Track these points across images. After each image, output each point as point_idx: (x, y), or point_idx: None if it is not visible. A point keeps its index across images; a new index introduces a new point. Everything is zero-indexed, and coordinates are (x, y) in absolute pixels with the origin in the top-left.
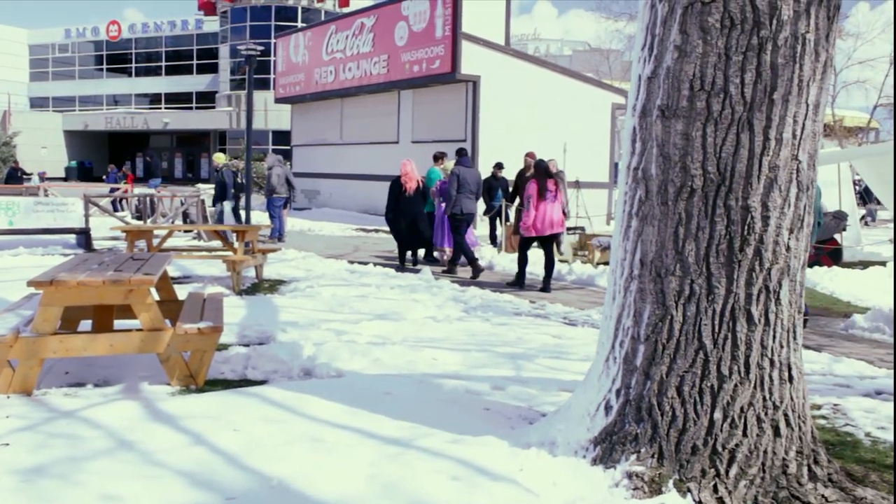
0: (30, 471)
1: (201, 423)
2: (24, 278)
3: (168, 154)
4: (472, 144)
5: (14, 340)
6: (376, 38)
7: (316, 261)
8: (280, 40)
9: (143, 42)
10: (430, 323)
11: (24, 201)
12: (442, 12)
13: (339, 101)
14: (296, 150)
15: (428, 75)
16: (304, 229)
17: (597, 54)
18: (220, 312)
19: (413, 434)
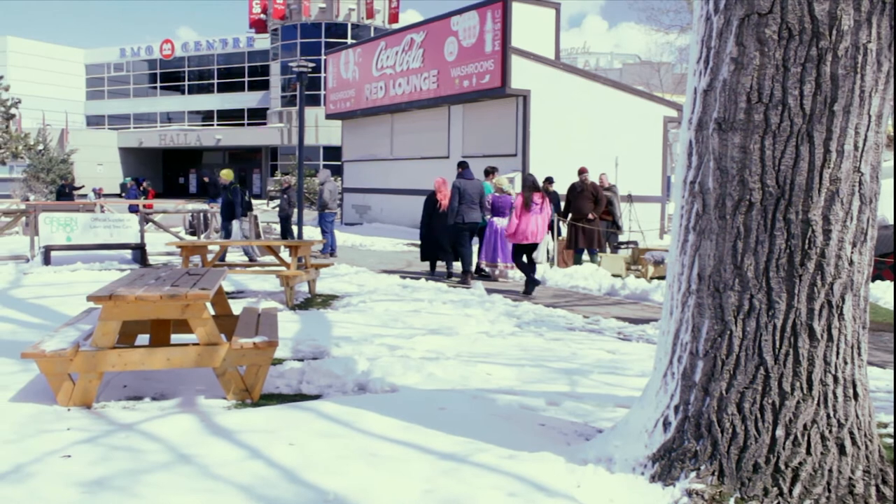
0: (91, 483)
1: (257, 437)
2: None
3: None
4: (523, 159)
5: (74, 354)
6: (426, 53)
7: (368, 276)
8: (330, 57)
9: (195, 60)
10: (484, 338)
11: (83, 217)
12: (491, 27)
13: (389, 117)
14: (347, 165)
15: (478, 90)
16: (355, 244)
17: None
18: (275, 327)
19: (468, 449)
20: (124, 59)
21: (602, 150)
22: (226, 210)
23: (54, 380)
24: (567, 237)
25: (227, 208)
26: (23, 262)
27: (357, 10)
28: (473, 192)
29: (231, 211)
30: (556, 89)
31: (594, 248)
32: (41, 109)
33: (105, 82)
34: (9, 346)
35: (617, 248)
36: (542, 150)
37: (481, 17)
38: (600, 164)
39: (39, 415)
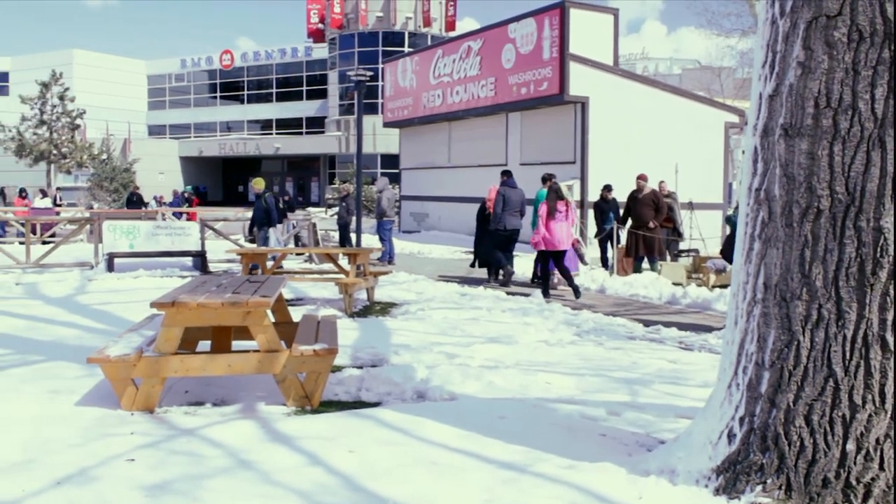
0: (154, 487)
1: (317, 443)
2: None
3: (279, 178)
4: (582, 166)
5: (138, 360)
6: (483, 61)
7: (426, 283)
8: (388, 65)
9: (254, 70)
10: (543, 346)
11: (145, 225)
12: (549, 34)
13: (446, 125)
14: (404, 173)
15: (536, 97)
16: (413, 252)
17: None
18: (335, 334)
19: (528, 459)
20: (185, 70)
21: (662, 157)
22: (262, 218)
23: (118, 384)
24: (626, 245)
25: (264, 216)
26: (87, 269)
27: (414, 19)
28: (516, 200)
29: (267, 218)
30: (614, 96)
31: (654, 256)
32: (105, 120)
33: (166, 92)
34: (75, 351)
35: (677, 257)
36: (601, 157)
37: (539, 24)
38: (660, 171)
39: (104, 419)
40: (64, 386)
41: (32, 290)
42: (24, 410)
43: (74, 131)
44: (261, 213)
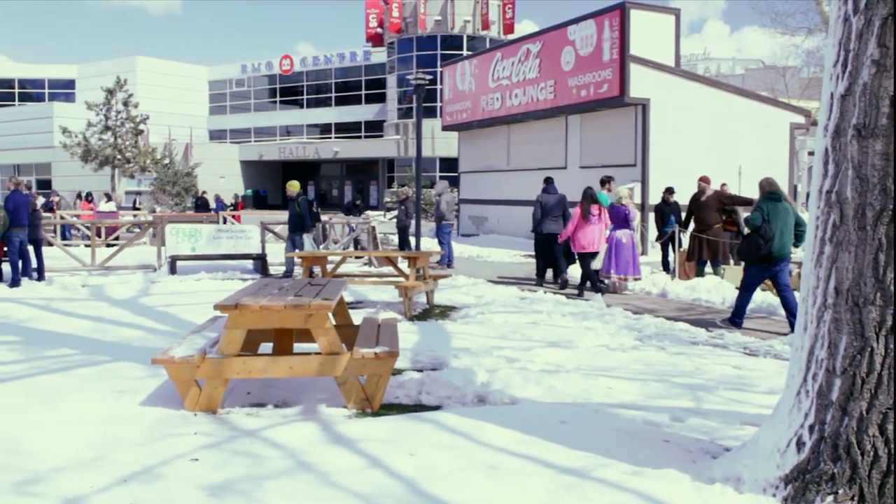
0: (216, 486)
1: (378, 446)
2: (207, 301)
3: (338, 182)
4: (642, 168)
5: (201, 361)
6: (542, 63)
7: (486, 287)
8: (446, 69)
9: (313, 74)
10: (604, 351)
11: (207, 228)
12: (609, 35)
13: (505, 128)
14: (463, 176)
15: (596, 100)
16: (472, 255)
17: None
18: (396, 337)
19: (590, 464)
20: (245, 75)
21: (724, 159)
22: (295, 222)
23: (182, 385)
24: (689, 248)
25: (297, 220)
26: (150, 272)
27: (472, 22)
28: (555, 206)
29: (301, 223)
30: (676, 97)
31: (717, 259)
32: (167, 125)
33: (227, 98)
34: (139, 351)
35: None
36: (662, 159)
37: (599, 25)
38: (723, 173)
39: (167, 419)
40: (129, 386)
41: (98, 291)
42: (91, 410)
43: (138, 136)
44: (295, 217)
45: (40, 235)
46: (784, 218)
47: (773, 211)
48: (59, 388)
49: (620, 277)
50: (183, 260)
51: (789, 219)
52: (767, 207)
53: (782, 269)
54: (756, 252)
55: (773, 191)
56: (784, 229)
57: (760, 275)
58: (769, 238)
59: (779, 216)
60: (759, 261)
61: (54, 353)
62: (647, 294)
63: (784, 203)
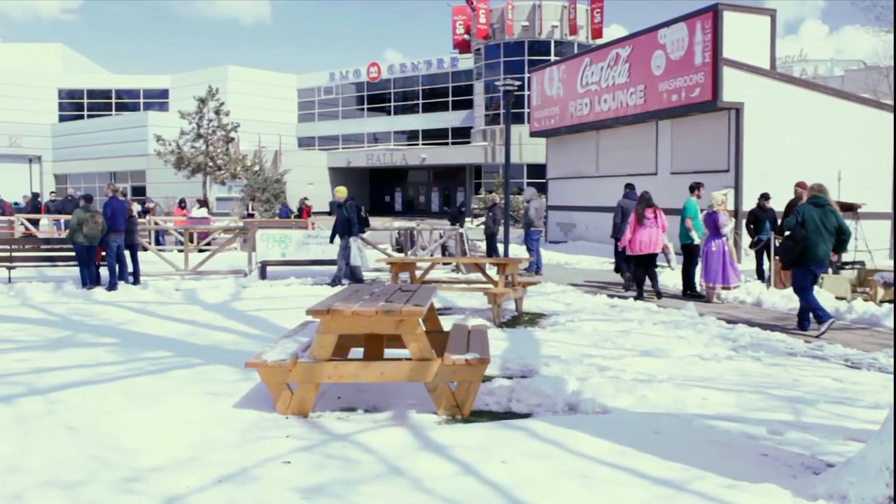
0: (310, 489)
1: (469, 453)
2: (297, 306)
3: (425, 188)
4: (736, 174)
5: (293, 365)
6: (632, 68)
7: (575, 294)
8: (534, 74)
9: (400, 81)
10: (697, 361)
11: (296, 234)
12: (701, 38)
13: (594, 134)
14: (551, 182)
15: (687, 104)
16: (560, 262)
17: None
18: (486, 344)
19: (685, 476)
20: (333, 83)
21: (823, 164)
22: (342, 227)
23: (274, 389)
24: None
25: (345, 225)
26: (241, 276)
27: (560, 27)
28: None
29: (348, 228)
30: (771, 101)
31: None
32: (257, 132)
33: (315, 105)
34: (231, 355)
35: (840, 269)
36: (757, 164)
37: (690, 28)
38: (821, 178)
39: (260, 422)
40: (222, 389)
41: (191, 295)
42: (187, 411)
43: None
44: (342, 222)
45: (136, 241)
46: (822, 223)
47: (808, 216)
48: (156, 389)
49: (710, 286)
50: (273, 265)
51: (828, 224)
52: (803, 212)
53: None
54: (788, 254)
55: (814, 196)
56: (820, 234)
57: (805, 276)
58: (799, 240)
59: (815, 221)
60: (794, 263)
61: (151, 354)
62: (741, 303)
63: (826, 209)
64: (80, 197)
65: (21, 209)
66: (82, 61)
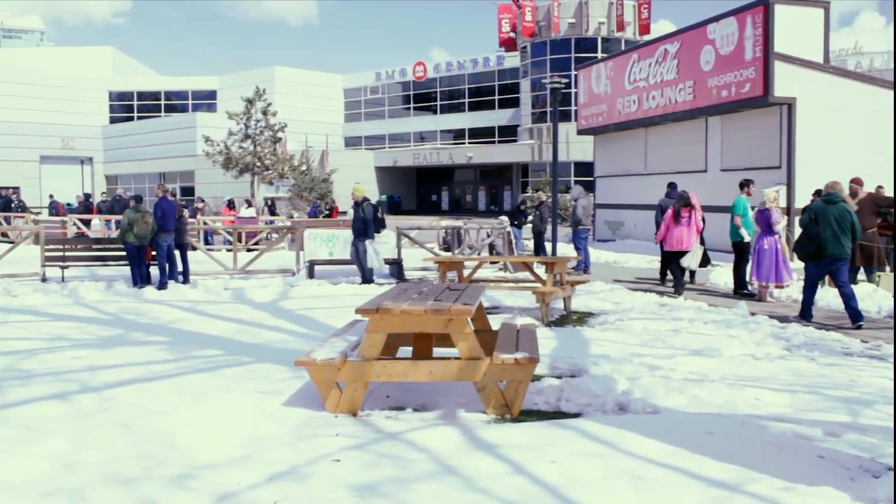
0: (362, 487)
1: (519, 452)
2: (344, 305)
3: (472, 187)
4: (788, 171)
5: (342, 364)
6: (681, 64)
7: (624, 293)
8: (581, 72)
9: (446, 80)
10: (750, 360)
11: (343, 234)
12: (752, 33)
13: (643, 131)
14: (599, 181)
15: (737, 100)
16: (608, 261)
17: None
18: (535, 343)
19: (739, 478)
20: (379, 83)
21: (879, 160)
22: (359, 227)
23: (323, 387)
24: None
25: (361, 226)
26: (289, 276)
27: (607, 24)
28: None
29: (365, 229)
30: (824, 95)
31: (872, 266)
32: (304, 132)
33: (362, 105)
34: (280, 353)
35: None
36: (809, 161)
37: (740, 22)
38: (877, 174)
39: (310, 420)
40: (272, 387)
41: (239, 294)
42: (238, 409)
43: (276, 144)
44: (359, 223)
45: (186, 240)
46: (835, 219)
47: (821, 212)
48: (207, 387)
49: (762, 285)
50: (320, 264)
51: (843, 221)
52: (816, 209)
53: (839, 267)
54: (803, 249)
55: (828, 193)
56: (834, 230)
57: (818, 271)
58: (813, 237)
59: (829, 218)
60: (809, 258)
61: (201, 353)
62: (795, 302)
63: (839, 206)
64: (130, 197)
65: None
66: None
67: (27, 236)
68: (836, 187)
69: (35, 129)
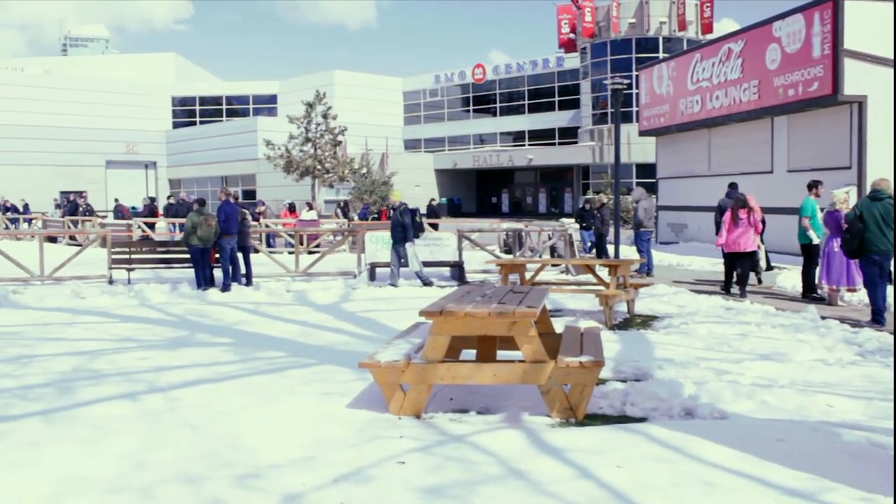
0: (428, 490)
1: (585, 456)
2: (406, 308)
3: (532, 189)
4: (858, 172)
5: (406, 366)
6: (745, 63)
7: (688, 297)
8: (642, 72)
9: (506, 82)
10: (820, 366)
11: None
12: (819, 29)
13: (706, 132)
14: (661, 182)
15: (804, 99)
16: (671, 264)
17: None
18: (600, 347)
19: (813, 487)
20: (438, 85)
21: None
22: (398, 232)
23: (387, 389)
24: None
25: (400, 230)
26: (350, 278)
27: (668, 23)
28: None
29: (403, 233)
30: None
31: None
32: (364, 136)
33: (421, 108)
34: (343, 355)
35: None
36: (883, 162)
37: (807, 19)
38: None
39: (374, 421)
40: (335, 388)
41: (301, 297)
42: (302, 410)
43: (336, 147)
44: (398, 227)
45: (249, 243)
46: (881, 216)
47: (866, 209)
48: (272, 388)
49: (832, 288)
50: (381, 267)
51: (888, 217)
52: (861, 205)
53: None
54: (847, 246)
55: (873, 190)
56: (879, 226)
57: (870, 268)
58: (856, 233)
59: (874, 214)
60: (854, 254)
61: (265, 354)
62: (867, 306)
63: (885, 202)
64: (193, 201)
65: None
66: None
67: (94, 239)
68: (882, 184)
69: (101, 135)
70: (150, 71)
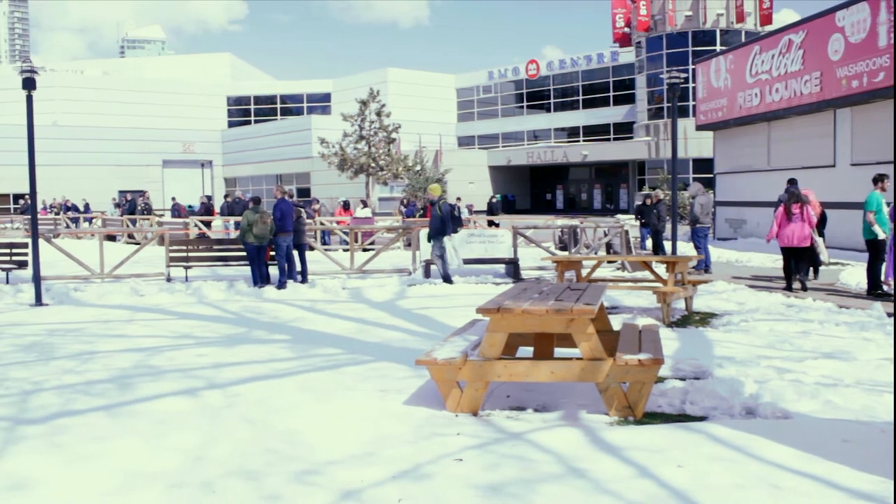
0: (487, 487)
1: (645, 455)
2: (461, 305)
3: (587, 185)
4: None
5: (463, 363)
6: (806, 54)
7: (747, 293)
8: (699, 66)
9: (559, 78)
10: (887, 365)
11: (459, 234)
12: (886, 18)
13: (765, 125)
14: (719, 177)
15: (869, 90)
16: (730, 260)
17: None
18: (658, 344)
19: (884, 490)
20: (492, 82)
21: None
22: (437, 227)
23: (444, 386)
24: None
25: (439, 225)
26: (405, 275)
27: (725, 15)
28: None
29: (442, 227)
30: None
31: None
32: (417, 133)
33: (474, 104)
34: (400, 352)
35: None
36: None
37: (873, 8)
38: None
39: (431, 419)
40: (392, 385)
41: (357, 294)
42: (360, 407)
43: (390, 145)
44: (436, 221)
45: (304, 241)
46: None
47: None
48: (329, 384)
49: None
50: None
51: None
52: None
53: None
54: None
55: None
56: None
57: None
58: None
59: None
60: None
61: (322, 351)
62: None
63: None
64: (249, 199)
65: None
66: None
67: (152, 238)
68: None
69: (158, 135)
70: (206, 71)
